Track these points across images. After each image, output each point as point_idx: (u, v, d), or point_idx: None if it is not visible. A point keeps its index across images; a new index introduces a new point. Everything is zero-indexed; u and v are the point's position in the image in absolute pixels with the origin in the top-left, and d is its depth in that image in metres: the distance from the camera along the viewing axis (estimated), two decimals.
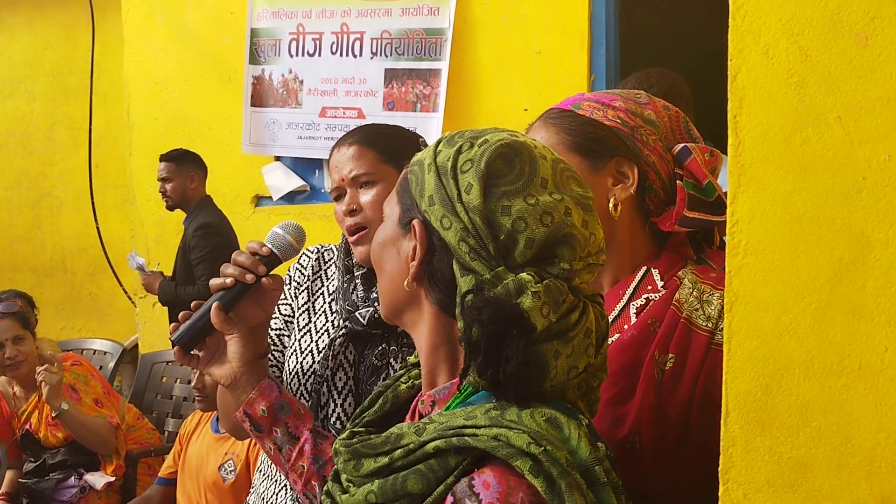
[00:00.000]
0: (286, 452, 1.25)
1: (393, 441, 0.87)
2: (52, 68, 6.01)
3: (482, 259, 0.86)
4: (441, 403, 0.93)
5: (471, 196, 0.87)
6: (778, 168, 0.73)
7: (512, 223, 0.86)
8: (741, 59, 0.74)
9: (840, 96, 0.70)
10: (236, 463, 2.75)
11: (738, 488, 0.76)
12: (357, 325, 1.44)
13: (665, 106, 1.21)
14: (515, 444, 0.78)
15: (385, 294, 0.99)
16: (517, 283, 0.84)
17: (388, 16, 4.11)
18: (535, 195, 0.87)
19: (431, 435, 0.83)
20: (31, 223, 6.14)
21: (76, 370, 3.39)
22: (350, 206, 1.47)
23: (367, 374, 1.45)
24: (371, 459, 0.89)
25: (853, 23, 0.69)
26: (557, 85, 3.71)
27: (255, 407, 1.25)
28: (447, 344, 0.92)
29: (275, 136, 4.39)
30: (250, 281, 1.29)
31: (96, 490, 3.29)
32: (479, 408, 0.85)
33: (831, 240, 0.71)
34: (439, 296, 0.91)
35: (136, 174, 4.78)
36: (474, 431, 0.81)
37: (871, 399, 0.70)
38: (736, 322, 0.75)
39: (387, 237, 0.97)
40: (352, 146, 1.50)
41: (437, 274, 0.90)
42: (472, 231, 0.87)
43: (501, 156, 0.89)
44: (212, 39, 4.55)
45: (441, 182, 0.90)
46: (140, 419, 3.60)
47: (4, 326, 3.31)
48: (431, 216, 0.90)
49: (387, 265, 0.97)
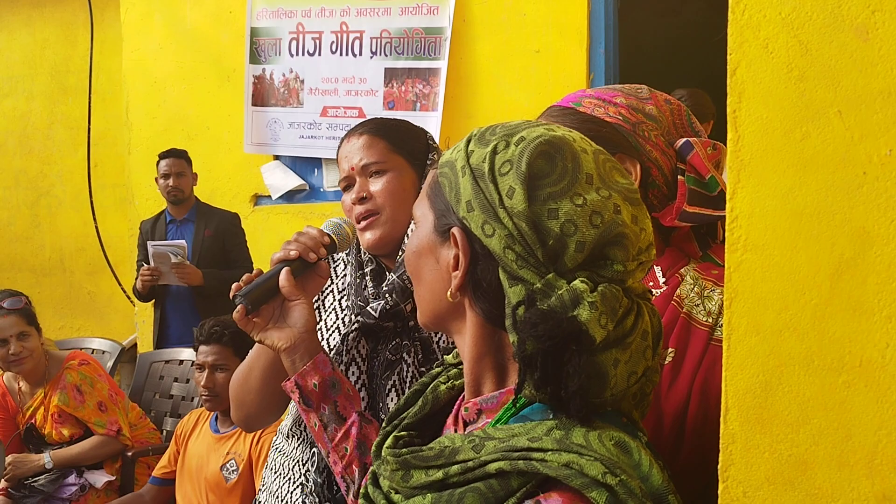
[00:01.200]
0: (331, 431, 1.25)
1: (447, 455, 0.82)
2: (51, 67, 6.00)
3: (530, 266, 0.81)
4: (489, 413, 0.88)
5: (514, 201, 0.81)
6: (778, 163, 0.72)
7: (560, 227, 0.81)
8: (740, 53, 0.74)
9: (840, 91, 0.69)
10: (238, 463, 2.74)
11: (738, 486, 0.75)
12: (369, 319, 1.44)
13: (667, 100, 1.21)
14: (590, 474, 0.74)
15: (425, 304, 0.93)
16: (572, 293, 0.79)
17: (388, 15, 4.11)
18: (581, 194, 0.82)
19: (493, 454, 0.78)
20: (30, 222, 6.14)
21: (83, 370, 3.38)
22: (360, 194, 1.48)
23: (381, 369, 1.45)
24: (422, 472, 0.84)
25: (853, 16, 0.69)
26: (556, 84, 3.71)
27: (308, 380, 1.25)
28: (493, 353, 0.88)
29: (276, 135, 4.39)
30: (313, 259, 1.34)
31: (96, 488, 3.30)
32: (540, 425, 0.80)
33: (832, 235, 0.70)
34: (485, 306, 0.85)
35: (134, 173, 4.78)
36: (543, 457, 0.76)
37: (871, 396, 0.69)
38: (736, 318, 0.75)
39: (422, 245, 0.92)
40: (362, 136, 1.51)
41: (483, 284, 0.85)
42: (518, 237, 0.81)
43: (542, 154, 0.83)
44: (210, 38, 4.54)
45: (478, 186, 0.84)
46: (143, 419, 3.60)
47: (9, 323, 3.29)
48: (471, 223, 0.84)
49: (425, 275, 0.92)
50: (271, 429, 2.75)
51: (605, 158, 0.87)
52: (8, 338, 3.26)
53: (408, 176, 1.50)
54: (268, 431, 2.75)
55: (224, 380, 2.80)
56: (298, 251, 1.33)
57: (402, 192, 1.48)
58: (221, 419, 2.90)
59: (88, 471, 3.35)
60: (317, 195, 4.41)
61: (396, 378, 1.43)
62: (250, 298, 1.28)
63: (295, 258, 1.33)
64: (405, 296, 1.42)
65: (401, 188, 1.48)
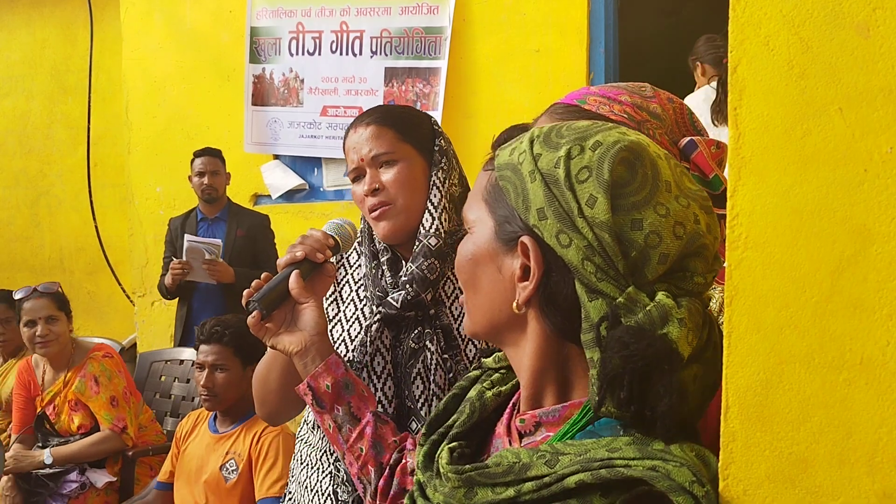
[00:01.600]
0: (346, 432, 1.24)
1: (517, 472, 0.78)
2: (51, 67, 6.00)
3: (610, 279, 0.77)
4: (549, 426, 0.85)
5: (596, 210, 0.77)
6: (779, 160, 0.72)
7: (645, 238, 0.77)
8: (741, 50, 0.74)
9: (841, 88, 0.69)
10: (238, 462, 2.74)
11: (738, 484, 0.75)
12: (391, 310, 1.46)
13: (669, 98, 1.21)
14: (677, 479, 0.71)
15: (480, 313, 0.88)
16: (660, 309, 0.76)
17: (388, 14, 4.11)
18: (663, 203, 0.79)
19: (570, 467, 0.74)
20: (30, 222, 6.14)
21: (105, 363, 3.44)
22: (372, 186, 1.48)
23: (405, 358, 1.46)
24: (488, 489, 0.80)
25: (854, 13, 0.69)
26: (556, 83, 3.72)
27: (320, 381, 1.25)
28: (556, 367, 0.84)
29: (277, 135, 4.40)
30: (320, 260, 1.36)
31: (96, 488, 3.30)
32: (616, 440, 0.77)
33: (832, 233, 0.70)
34: (558, 320, 0.81)
35: (134, 173, 4.78)
36: (627, 463, 0.73)
37: (872, 393, 0.69)
38: (736, 316, 0.75)
39: (480, 253, 0.87)
40: (369, 126, 1.51)
41: (556, 297, 0.81)
42: (599, 249, 0.77)
43: (623, 161, 0.79)
44: (210, 38, 4.54)
45: (552, 193, 0.80)
46: (153, 422, 3.62)
47: (40, 305, 3.39)
48: (544, 232, 0.80)
49: (483, 284, 0.87)
50: (272, 429, 2.76)
51: (676, 163, 0.84)
52: (37, 319, 3.36)
53: (417, 164, 1.51)
54: (268, 431, 2.75)
55: (224, 380, 2.80)
56: (305, 252, 1.35)
57: (414, 182, 1.49)
58: (220, 419, 2.89)
59: (91, 469, 3.36)
60: (316, 195, 4.41)
61: (421, 366, 1.45)
62: (264, 303, 1.29)
63: (301, 259, 1.35)
64: (425, 285, 1.44)
65: (412, 177, 1.49)
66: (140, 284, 4.81)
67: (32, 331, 3.37)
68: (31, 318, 3.37)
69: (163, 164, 4.68)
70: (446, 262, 1.49)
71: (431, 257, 1.47)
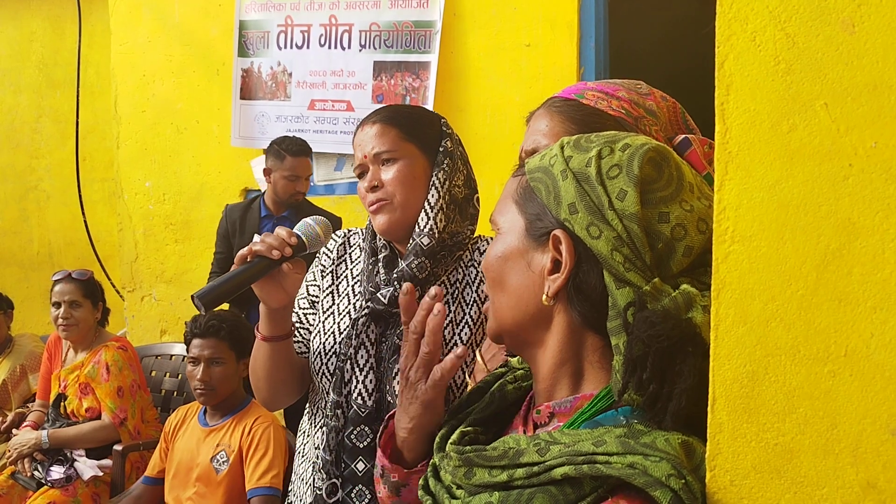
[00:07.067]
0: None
1: (511, 457, 0.82)
2: (39, 60, 5.96)
3: (637, 269, 0.81)
4: (561, 416, 0.88)
5: (626, 203, 0.82)
6: (765, 155, 0.73)
7: (671, 230, 0.82)
8: (728, 46, 0.74)
9: (827, 83, 0.70)
10: (228, 454, 2.74)
11: (725, 474, 0.76)
12: (378, 305, 1.50)
13: (663, 96, 1.22)
14: (654, 475, 0.73)
15: (507, 311, 0.91)
16: (685, 296, 0.80)
17: (377, 8, 4.10)
18: (687, 200, 0.84)
19: (557, 459, 0.78)
20: (18, 216, 6.10)
21: (119, 354, 3.53)
22: (372, 183, 1.52)
23: (389, 353, 1.50)
24: (485, 471, 0.84)
25: (840, 9, 0.69)
26: (547, 78, 3.72)
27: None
28: (574, 359, 0.87)
29: (264, 128, 4.38)
30: (276, 257, 1.41)
31: (83, 480, 3.32)
32: (609, 432, 0.80)
33: (818, 227, 0.71)
34: (585, 309, 0.85)
35: (123, 167, 4.76)
36: (607, 459, 0.76)
37: (856, 385, 0.70)
38: (723, 309, 0.75)
39: (510, 250, 0.90)
40: (375, 124, 1.54)
41: (585, 287, 0.84)
42: (627, 240, 0.81)
43: (650, 161, 0.84)
44: (199, 32, 4.52)
45: (583, 189, 0.84)
46: (156, 420, 3.65)
47: (67, 289, 3.55)
48: (574, 225, 0.84)
49: (511, 279, 0.90)
50: (262, 421, 2.78)
51: (695, 172, 0.89)
52: (62, 301, 3.54)
53: (419, 163, 1.54)
54: (259, 423, 2.77)
55: (220, 373, 2.82)
56: (261, 251, 1.41)
57: (413, 180, 1.52)
58: (210, 413, 2.90)
59: (79, 460, 3.37)
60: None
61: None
62: (207, 300, 1.34)
63: (251, 258, 1.41)
64: (413, 283, 1.45)
65: (411, 175, 1.52)
66: (130, 279, 4.80)
67: (57, 312, 3.54)
68: (57, 300, 3.55)
69: (152, 159, 4.65)
70: (438, 262, 1.52)
71: (422, 256, 1.49)
